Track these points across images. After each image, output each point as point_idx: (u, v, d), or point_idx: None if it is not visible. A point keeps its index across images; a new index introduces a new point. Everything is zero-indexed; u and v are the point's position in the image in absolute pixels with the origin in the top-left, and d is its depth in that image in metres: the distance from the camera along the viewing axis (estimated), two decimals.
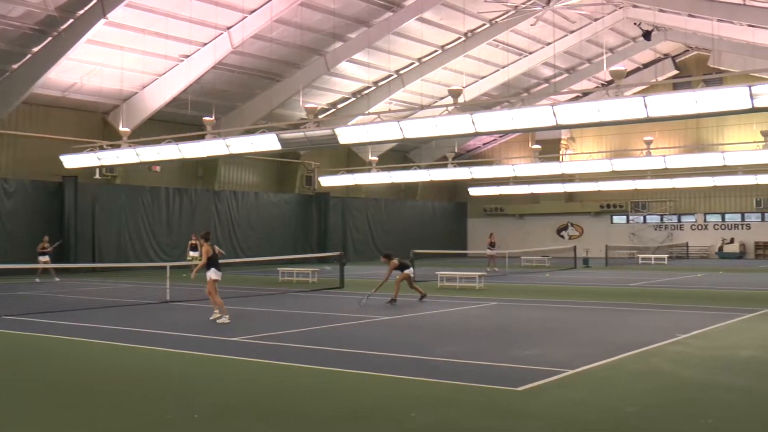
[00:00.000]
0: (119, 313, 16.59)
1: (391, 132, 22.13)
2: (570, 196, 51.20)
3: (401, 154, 49.28)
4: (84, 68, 30.29)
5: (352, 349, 11.82)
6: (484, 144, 53.86)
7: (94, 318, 15.77)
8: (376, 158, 41.32)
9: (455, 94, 21.68)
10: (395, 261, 19.87)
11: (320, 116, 30.43)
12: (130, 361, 11.13)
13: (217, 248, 15.71)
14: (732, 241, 46.99)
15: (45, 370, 10.46)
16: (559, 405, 8.23)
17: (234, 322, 15.21)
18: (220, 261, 15.88)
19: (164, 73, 32.09)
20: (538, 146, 38.09)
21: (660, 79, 44.43)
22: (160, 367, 10.59)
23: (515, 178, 40.25)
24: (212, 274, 15.28)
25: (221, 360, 10.99)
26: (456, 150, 44.32)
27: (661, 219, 49.57)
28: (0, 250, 30.47)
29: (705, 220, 48.36)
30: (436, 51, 36.81)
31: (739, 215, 47.35)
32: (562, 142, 49.88)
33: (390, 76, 38.04)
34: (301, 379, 9.71)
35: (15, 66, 29.20)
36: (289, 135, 23.35)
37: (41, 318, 15.98)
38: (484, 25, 35.12)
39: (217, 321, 15.01)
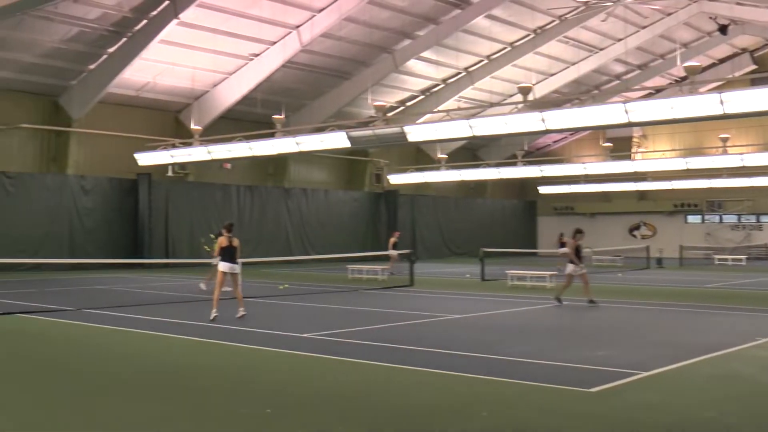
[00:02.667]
0: (191, 309, 16.82)
1: (460, 130, 22.03)
2: (642, 195, 50.22)
3: (471, 151, 49.00)
4: (157, 68, 30.89)
5: (423, 347, 11.77)
6: (555, 142, 53.23)
7: (167, 312, 16.03)
8: (446, 156, 41.16)
9: (525, 91, 21.48)
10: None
11: (389, 114, 30.47)
12: (202, 357, 11.28)
13: (235, 241, 15.22)
14: None
15: (121, 364, 10.66)
16: (633, 408, 8.04)
17: (305, 319, 15.33)
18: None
19: (234, 72, 32.54)
20: (609, 144, 37.48)
21: (737, 74, 43.25)
22: (231, 363, 10.69)
23: (586, 176, 39.69)
24: (222, 266, 15.16)
25: (292, 356, 11.05)
26: (526, 148, 43.87)
27: (739, 219, 48.25)
28: (78, 245, 31.34)
29: None
30: (505, 48, 36.49)
31: None
32: (634, 139, 48.95)
33: (459, 73, 37.87)
34: (371, 375, 9.70)
35: (92, 66, 30.01)
36: (358, 133, 23.42)
37: (117, 312, 16.33)
38: (553, 21, 34.69)
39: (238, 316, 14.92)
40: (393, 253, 30.09)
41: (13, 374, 9.81)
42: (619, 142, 44.06)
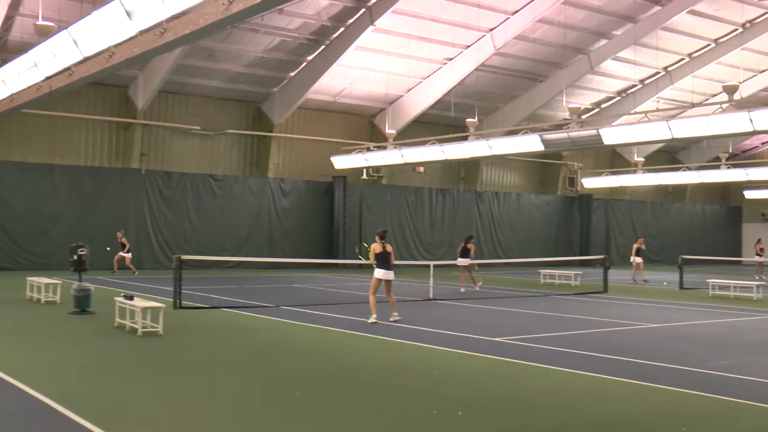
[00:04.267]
0: (384, 309, 17.14)
1: (658, 132, 21.30)
2: None
3: (669, 154, 47.08)
4: (353, 74, 31.76)
5: (616, 355, 11.41)
6: (763, 143, 50.04)
7: (360, 312, 16.39)
8: (642, 159, 39.78)
9: (730, 90, 20.44)
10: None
11: (584, 116, 29.80)
12: (393, 356, 11.47)
13: (388, 247, 15.03)
14: None
15: (316, 359, 11.02)
16: None
17: (496, 323, 15.26)
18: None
19: (428, 76, 32.90)
20: None
21: None
22: (424, 363, 10.80)
23: None
24: (377, 273, 15.04)
25: (483, 359, 11.02)
26: (730, 150, 41.59)
27: None
28: (277, 245, 32.82)
29: None
30: (708, 45, 34.75)
31: None
32: None
33: (657, 73, 36.45)
34: (563, 383, 9.51)
35: (292, 74, 31.31)
36: (552, 136, 23.12)
37: (313, 309, 16.93)
38: (765, 14, 32.61)
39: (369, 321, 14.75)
40: (637, 260, 29.15)
41: (217, 364, 10.38)
42: None
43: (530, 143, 23.69)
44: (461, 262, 23.69)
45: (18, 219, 27.72)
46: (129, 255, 26.73)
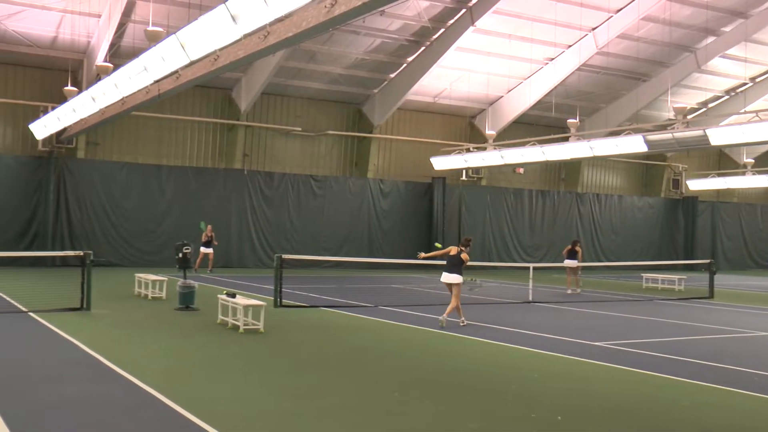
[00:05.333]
0: (483, 311, 17.05)
1: None
2: None
3: None
4: (453, 74, 31.69)
5: (723, 363, 11.06)
6: None
7: (455, 313, 16.37)
8: (752, 160, 38.40)
9: None
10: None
11: (689, 116, 28.94)
12: (493, 358, 11.41)
13: (464, 255, 14.59)
14: None
15: (413, 361, 11.06)
16: None
17: (598, 326, 15.00)
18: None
19: (529, 77, 32.56)
20: None
21: None
22: (522, 366, 10.71)
23: None
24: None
25: (584, 364, 10.85)
26: None
27: None
28: (376, 245, 33.07)
29: None
30: None
31: None
32: None
33: None
34: (666, 390, 9.28)
35: (392, 75, 31.47)
36: (656, 136, 22.60)
37: (410, 310, 16.99)
38: None
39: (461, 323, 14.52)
40: None
41: (316, 362, 10.54)
42: None
43: (633, 144, 23.22)
44: (569, 263, 23.51)
45: (128, 217, 28.80)
46: (211, 250, 26.99)
